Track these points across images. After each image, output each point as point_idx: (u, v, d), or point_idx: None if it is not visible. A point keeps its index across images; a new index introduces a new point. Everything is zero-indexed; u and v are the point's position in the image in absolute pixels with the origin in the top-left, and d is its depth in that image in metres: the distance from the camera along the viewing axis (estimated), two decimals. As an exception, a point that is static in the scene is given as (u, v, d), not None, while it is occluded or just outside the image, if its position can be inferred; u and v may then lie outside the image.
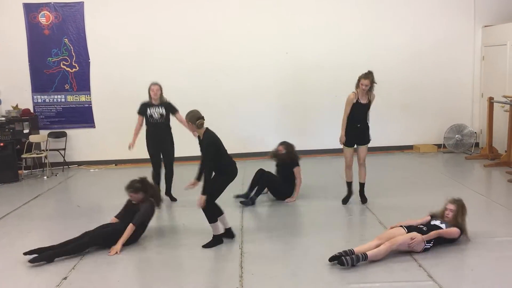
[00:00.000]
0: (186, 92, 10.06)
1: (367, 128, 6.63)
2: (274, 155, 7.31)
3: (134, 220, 5.44)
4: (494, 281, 4.35)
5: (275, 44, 10.08)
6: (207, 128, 5.38)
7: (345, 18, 10.16)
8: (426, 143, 10.52)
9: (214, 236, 5.45)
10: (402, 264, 4.74)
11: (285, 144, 7.32)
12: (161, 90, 7.25)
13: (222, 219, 5.57)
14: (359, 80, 6.40)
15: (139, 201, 5.64)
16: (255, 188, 7.06)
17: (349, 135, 6.57)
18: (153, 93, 7.15)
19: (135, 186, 5.64)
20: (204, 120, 5.33)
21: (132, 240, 5.48)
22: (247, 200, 6.98)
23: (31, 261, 5.00)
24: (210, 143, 5.26)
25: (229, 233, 5.60)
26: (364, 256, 4.71)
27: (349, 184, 6.84)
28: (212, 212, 5.40)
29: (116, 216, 5.76)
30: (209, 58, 10.04)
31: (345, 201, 6.83)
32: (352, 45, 10.17)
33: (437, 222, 5.21)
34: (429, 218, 5.38)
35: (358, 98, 6.44)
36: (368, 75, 6.36)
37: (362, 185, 6.79)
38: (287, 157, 7.18)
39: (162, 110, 7.17)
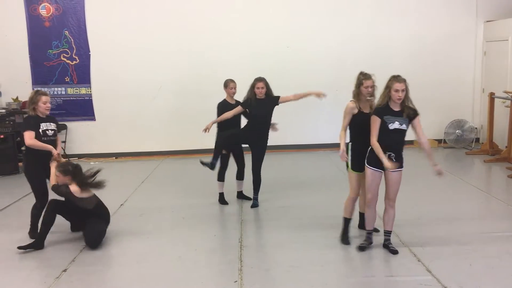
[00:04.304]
0: (184, 84, 10.10)
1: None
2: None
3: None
4: (492, 276, 4.36)
5: (276, 38, 10.05)
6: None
7: (346, 14, 10.12)
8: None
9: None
10: (400, 258, 4.75)
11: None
12: None
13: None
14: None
15: (63, 183, 5.25)
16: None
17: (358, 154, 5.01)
18: (46, 107, 5.55)
19: (66, 169, 5.27)
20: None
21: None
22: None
23: (19, 247, 5.12)
24: None
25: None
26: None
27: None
28: None
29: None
30: (209, 51, 10.00)
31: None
32: (353, 41, 10.14)
33: (396, 125, 4.75)
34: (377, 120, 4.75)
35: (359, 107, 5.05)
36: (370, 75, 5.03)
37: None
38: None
39: (53, 126, 5.68)
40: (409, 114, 4.83)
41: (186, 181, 8.33)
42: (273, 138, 8.59)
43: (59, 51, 9.97)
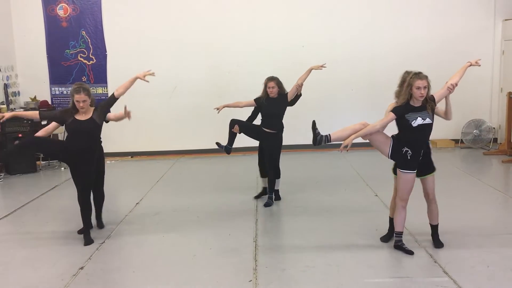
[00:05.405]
0: (200, 83, 10.14)
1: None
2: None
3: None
4: (511, 278, 4.29)
5: (291, 37, 10.02)
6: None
7: (361, 11, 10.07)
8: (443, 138, 10.40)
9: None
10: (417, 260, 4.71)
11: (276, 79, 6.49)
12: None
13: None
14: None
15: (87, 107, 5.32)
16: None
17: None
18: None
19: (88, 89, 5.30)
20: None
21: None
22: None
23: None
24: None
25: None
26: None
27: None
28: None
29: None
30: (225, 51, 10.03)
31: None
32: (368, 39, 10.08)
33: (419, 120, 4.64)
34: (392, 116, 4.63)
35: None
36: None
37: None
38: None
39: None
40: (431, 105, 4.70)
41: (201, 180, 8.36)
42: (289, 138, 8.67)
43: (76, 51, 10.08)
